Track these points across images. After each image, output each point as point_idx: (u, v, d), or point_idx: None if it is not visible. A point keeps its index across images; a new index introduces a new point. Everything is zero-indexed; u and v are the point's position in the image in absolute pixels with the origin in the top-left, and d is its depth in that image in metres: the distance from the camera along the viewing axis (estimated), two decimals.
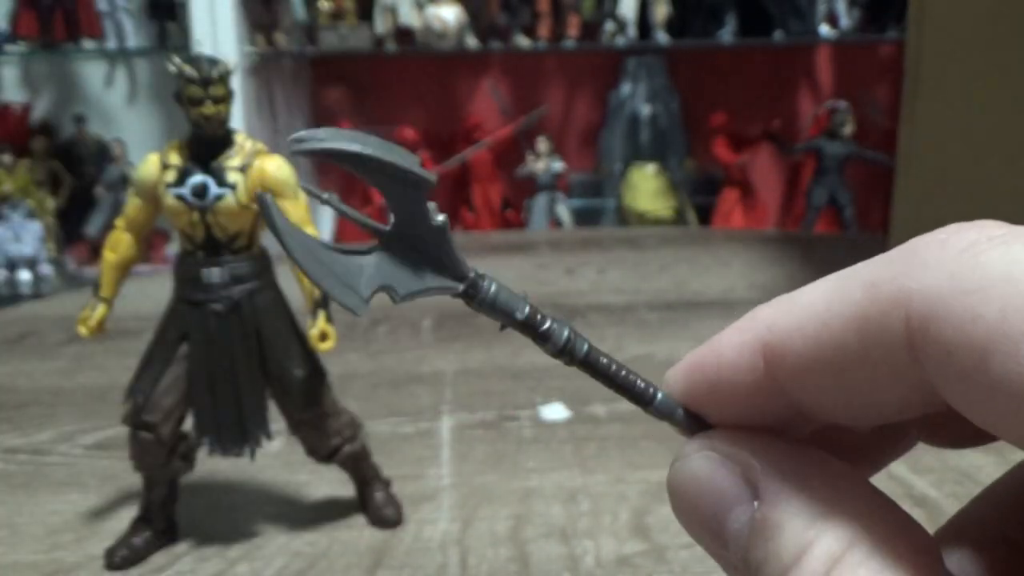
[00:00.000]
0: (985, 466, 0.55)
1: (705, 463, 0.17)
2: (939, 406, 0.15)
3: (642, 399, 0.18)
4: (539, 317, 0.18)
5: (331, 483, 0.54)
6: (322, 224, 2.14)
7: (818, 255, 1.14)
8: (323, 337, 0.46)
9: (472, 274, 0.18)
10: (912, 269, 0.14)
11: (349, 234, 2.02)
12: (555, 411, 0.65)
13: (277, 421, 0.48)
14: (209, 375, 0.46)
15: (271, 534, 0.50)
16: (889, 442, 0.19)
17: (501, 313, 0.18)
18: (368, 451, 0.51)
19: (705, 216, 2.12)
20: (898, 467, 0.53)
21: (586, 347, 0.18)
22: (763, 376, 0.16)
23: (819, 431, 0.18)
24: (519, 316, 0.18)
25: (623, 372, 0.18)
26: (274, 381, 0.47)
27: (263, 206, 0.16)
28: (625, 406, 0.65)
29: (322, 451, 0.49)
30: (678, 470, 0.18)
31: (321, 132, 0.16)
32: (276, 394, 0.48)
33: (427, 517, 0.51)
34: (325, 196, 0.18)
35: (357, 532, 0.50)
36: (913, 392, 0.14)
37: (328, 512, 0.52)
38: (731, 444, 0.17)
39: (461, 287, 0.18)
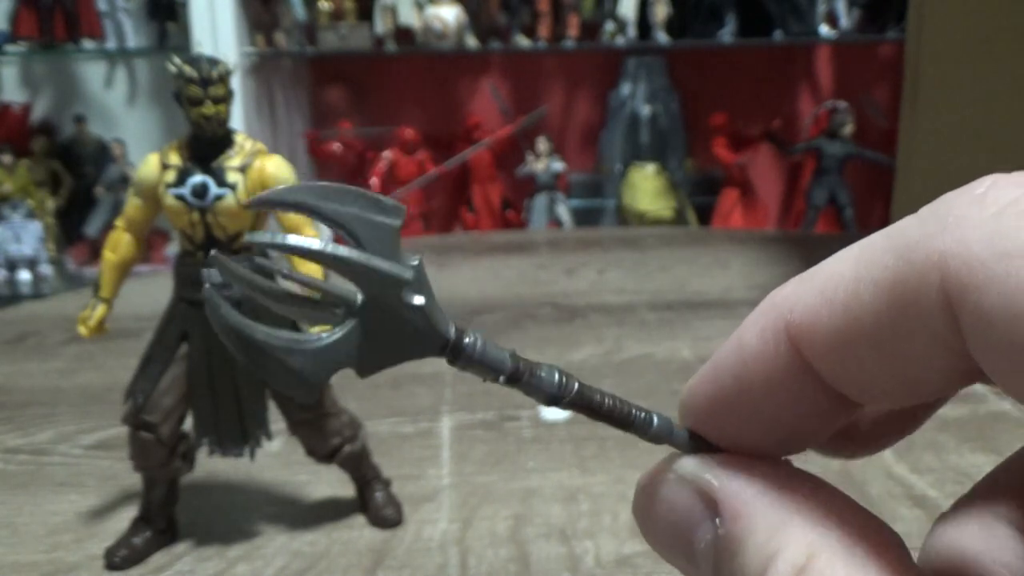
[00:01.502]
0: (985, 466, 0.54)
1: (665, 485, 0.17)
2: (977, 379, 0.14)
3: (640, 430, 0.18)
4: (527, 371, 0.17)
5: (331, 483, 0.54)
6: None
7: (818, 255, 1.13)
8: None
9: (453, 334, 0.16)
10: (948, 230, 0.13)
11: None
12: (555, 411, 0.65)
13: (277, 421, 0.48)
14: (209, 375, 0.46)
15: (271, 534, 0.50)
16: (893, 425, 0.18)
17: (487, 371, 0.16)
18: (368, 451, 0.51)
19: (705, 216, 2.12)
20: (898, 467, 0.53)
21: (576, 386, 0.17)
22: (790, 360, 0.15)
23: None
24: (507, 372, 0.17)
25: (618, 405, 0.17)
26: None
27: (206, 296, 0.15)
28: None
29: (322, 451, 0.49)
30: (641, 492, 0.17)
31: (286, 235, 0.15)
32: (276, 394, 0.48)
33: (427, 517, 0.51)
34: (277, 269, 0.17)
35: (357, 532, 0.50)
36: (953, 362, 0.13)
37: (328, 512, 0.52)
38: (690, 462, 0.17)
39: (442, 352, 0.16)
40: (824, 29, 2.02)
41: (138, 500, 0.48)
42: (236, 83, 0.47)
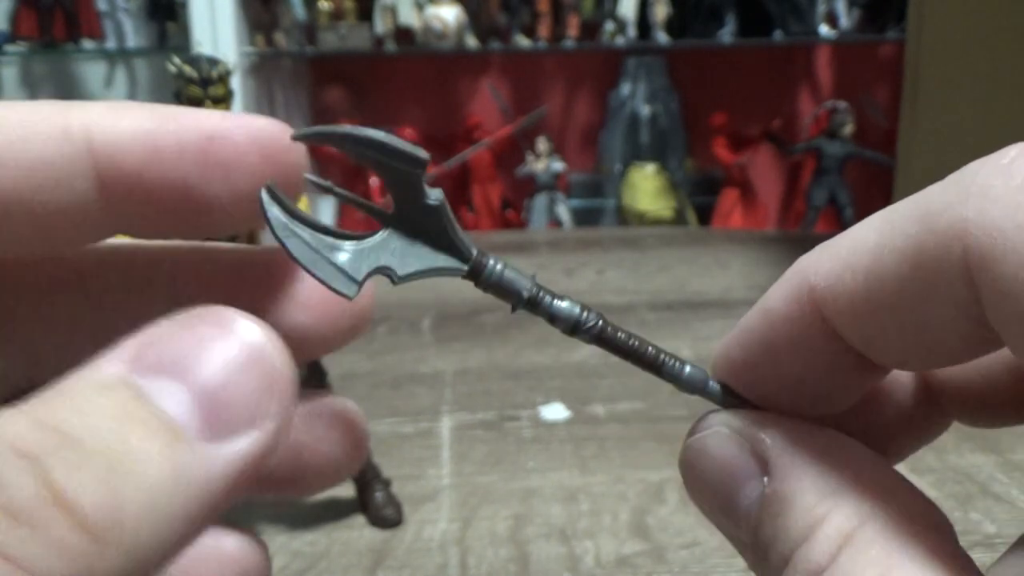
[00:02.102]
0: (985, 466, 0.55)
1: (716, 439, 0.17)
2: (998, 346, 0.14)
3: (670, 374, 0.18)
4: (547, 296, 0.18)
5: None
6: (324, 217, 2.13)
7: None
8: None
9: (475, 253, 0.17)
10: (971, 198, 0.13)
11: (350, 226, 2.02)
12: (555, 411, 0.65)
13: None
14: None
15: (271, 534, 0.50)
16: (919, 427, 0.18)
17: (507, 293, 0.18)
18: (368, 451, 0.51)
19: (705, 216, 2.12)
20: (898, 467, 0.53)
21: (600, 323, 0.18)
22: (814, 324, 0.15)
23: (845, 414, 0.17)
24: (525, 295, 0.18)
25: (646, 348, 0.18)
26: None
27: (259, 201, 0.16)
28: (625, 406, 0.65)
29: None
30: (689, 447, 0.17)
31: (319, 127, 0.17)
32: None
33: (427, 517, 0.51)
34: (327, 184, 0.18)
35: (357, 532, 0.50)
36: (973, 329, 0.14)
37: (328, 512, 0.52)
38: (742, 420, 0.17)
39: (465, 267, 0.17)
40: (824, 29, 2.02)
41: None
42: (236, 83, 0.47)
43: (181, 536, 0.13)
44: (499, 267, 0.18)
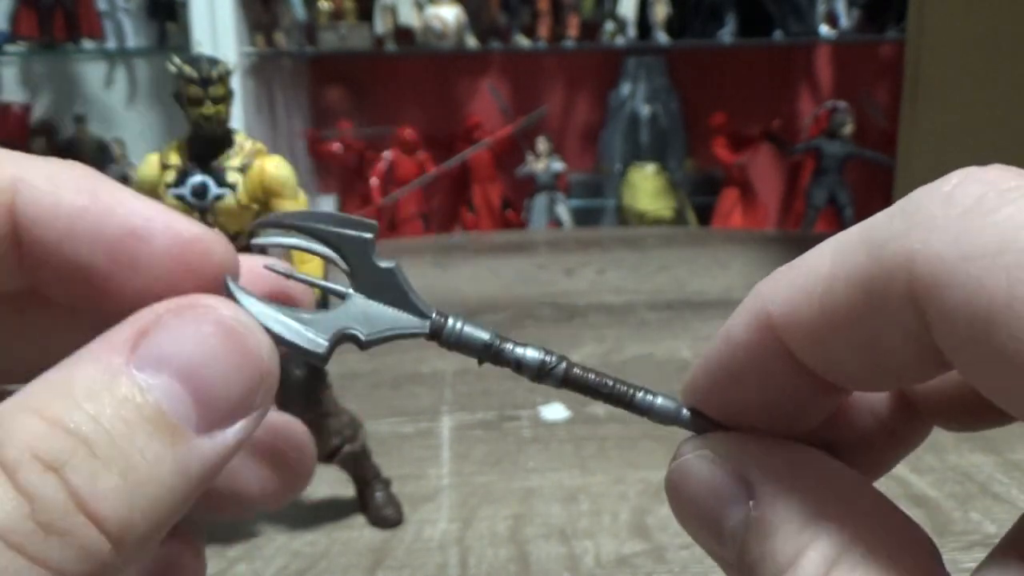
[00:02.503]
0: (984, 466, 0.55)
1: (700, 463, 0.17)
2: (950, 368, 0.14)
3: (640, 408, 0.18)
4: (509, 345, 0.18)
5: (331, 483, 0.54)
6: None
7: None
8: None
9: (434, 314, 0.18)
10: (916, 229, 0.13)
11: None
12: (555, 411, 0.65)
13: None
14: None
15: (271, 534, 0.50)
16: (899, 437, 0.19)
17: (469, 347, 0.18)
18: (368, 451, 0.51)
19: (705, 216, 2.12)
20: (898, 467, 0.53)
21: (564, 366, 0.18)
22: (774, 349, 0.16)
23: (825, 429, 0.18)
24: (488, 347, 0.18)
25: (614, 385, 0.18)
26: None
27: (228, 295, 0.17)
28: None
29: (322, 451, 0.49)
30: (673, 471, 0.17)
31: (271, 230, 0.18)
32: (276, 394, 0.48)
33: (427, 517, 0.51)
34: (286, 271, 0.19)
35: (357, 532, 0.50)
36: (925, 353, 0.14)
37: (328, 512, 0.52)
38: (726, 444, 0.17)
39: (427, 328, 0.18)
40: (824, 29, 2.02)
41: None
42: (236, 83, 0.47)
43: (174, 520, 0.14)
44: (459, 324, 0.18)
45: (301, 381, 0.47)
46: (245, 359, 0.15)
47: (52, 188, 0.16)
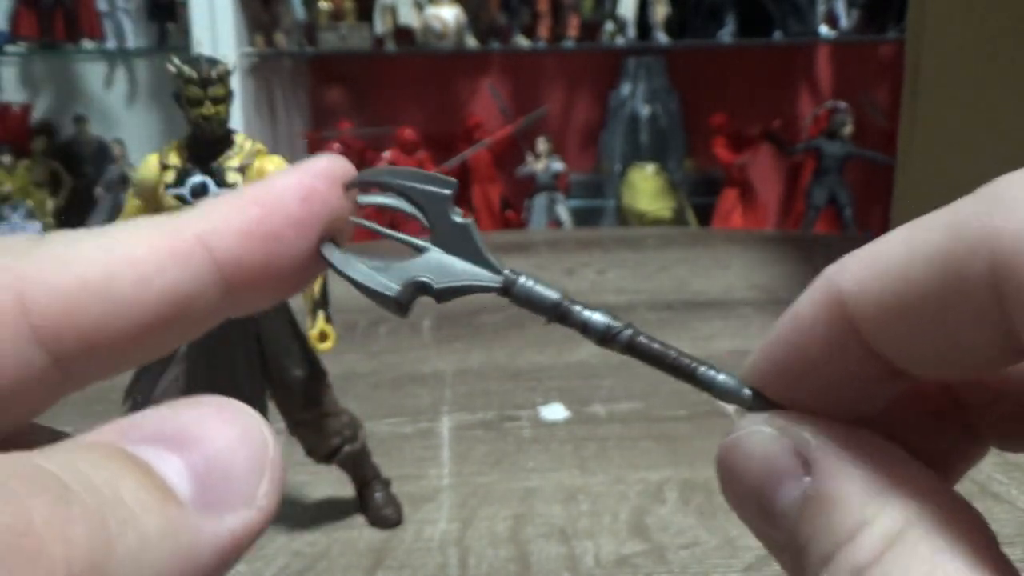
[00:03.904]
0: (984, 466, 0.55)
1: (756, 438, 0.17)
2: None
3: (702, 382, 0.18)
4: (578, 307, 0.19)
5: (331, 483, 0.54)
6: None
7: (818, 255, 1.14)
8: (323, 337, 0.46)
9: (506, 271, 0.19)
10: (998, 208, 0.13)
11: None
12: (555, 411, 0.65)
13: (277, 421, 0.48)
14: (209, 376, 0.46)
15: (271, 534, 0.50)
16: (956, 450, 0.19)
17: (539, 306, 0.19)
18: (368, 451, 0.51)
19: (705, 216, 2.12)
20: None
21: (630, 332, 0.19)
22: (843, 331, 0.16)
23: (885, 424, 0.17)
24: (557, 307, 0.19)
25: (678, 356, 0.18)
26: (274, 381, 0.47)
27: (324, 258, 0.18)
28: (625, 406, 0.65)
29: (322, 451, 0.49)
30: (728, 445, 0.17)
31: (365, 174, 0.19)
32: (276, 394, 0.48)
33: (427, 517, 0.51)
34: (373, 226, 0.20)
35: (357, 532, 0.50)
36: (1000, 339, 0.14)
37: (328, 512, 0.52)
38: (784, 419, 0.17)
39: (499, 283, 0.19)
40: (824, 29, 2.02)
41: None
42: (236, 83, 0.47)
43: None
44: (530, 282, 0.19)
45: (301, 381, 0.47)
46: (252, 443, 0.15)
47: (230, 222, 0.16)
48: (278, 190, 0.17)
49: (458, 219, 0.18)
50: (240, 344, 0.46)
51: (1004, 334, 0.14)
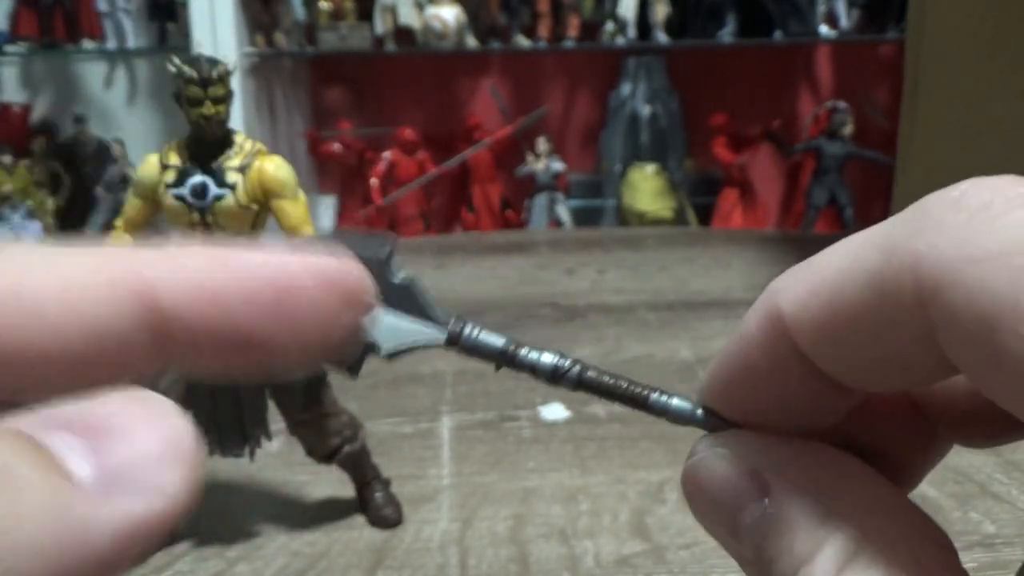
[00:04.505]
0: (984, 466, 0.55)
1: (716, 460, 0.17)
2: (958, 372, 0.14)
3: (655, 410, 0.19)
4: (525, 350, 0.19)
5: (331, 483, 0.54)
6: (322, 223, 2.14)
7: None
8: None
9: (452, 322, 0.19)
10: (924, 232, 0.14)
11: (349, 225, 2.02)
12: (555, 411, 0.65)
13: (277, 421, 0.48)
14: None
15: (271, 534, 0.50)
16: (919, 451, 0.19)
17: (486, 354, 0.19)
18: (368, 451, 0.51)
19: (705, 216, 2.12)
20: None
21: (577, 369, 0.19)
22: (787, 348, 0.16)
23: (843, 432, 0.18)
24: (504, 353, 0.19)
25: (629, 386, 0.19)
26: (274, 381, 0.47)
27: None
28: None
29: (322, 451, 0.49)
30: (690, 468, 0.18)
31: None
32: (276, 394, 0.48)
33: (427, 517, 0.51)
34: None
35: (357, 532, 0.50)
36: (932, 356, 0.14)
37: (328, 512, 0.52)
38: (741, 442, 0.17)
39: (444, 337, 0.19)
40: (824, 29, 2.02)
41: None
42: (236, 83, 0.47)
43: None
44: (475, 332, 0.19)
45: (301, 381, 0.47)
46: (162, 431, 0.14)
47: (186, 275, 0.16)
48: (258, 267, 0.16)
49: (400, 278, 0.19)
50: None
51: (935, 352, 0.14)
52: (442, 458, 0.59)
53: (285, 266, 0.16)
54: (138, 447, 0.13)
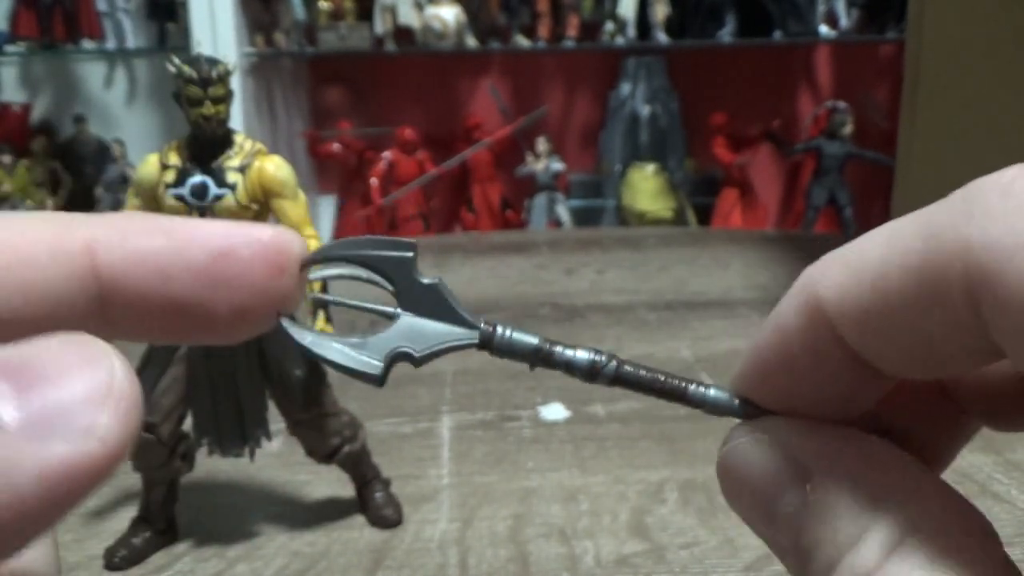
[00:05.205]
0: (984, 466, 0.55)
1: (755, 447, 0.17)
2: (1000, 358, 0.14)
3: (693, 401, 0.18)
4: (560, 348, 0.19)
5: (331, 483, 0.54)
6: (322, 222, 2.14)
7: (818, 255, 1.14)
8: None
9: (483, 324, 0.18)
10: (973, 218, 0.14)
11: (348, 231, 2.02)
12: (555, 411, 0.65)
13: (277, 421, 0.48)
14: (209, 375, 0.46)
15: (271, 534, 0.50)
16: (947, 433, 0.19)
17: (521, 353, 0.19)
18: (368, 451, 0.51)
19: (705, 216, 2.12)
20: None
21: (615, 365, 0.18)
22: (825, 334, 0.16)
23: (876, 417, 0.18)
24: (539, 351, 0.18)
25: (666, 379, 0.18)
26: (274, 381, 0.47)
27: (283, 332, 0.18)
28: (625, 406, 0.65)
29: (322, 451, 0.49)
30: (728, 454, 0.17)
31: (320, 251, 0.18)
32: (276, 394, 0.48)
33: (427, 517, 0.51)
34: (333, 299, 0.20)
35: (357, 532, 0.50)
36: (976, 342, 0.14)
37: (328, 512, 0.52)
38: (780, 428, 0.17)
39: (476, 338, 0.18)
40: (824, 29, 2.02)
41: (138, 500, 0.49)
42: (236, 83, 0.47)
43: None
44: (508, 332, 0.18)
45: (301, 381, 0.47)
46: (97, 375, 0.14)
47: (126, 239, 0.16)
48: (195, 234, 0.16)
49: (426, 280, 0.18)
50: (240, 344, 0.46)
51: (979, 339, 0.14)
52: (442, 458, 0.59)
53: (220, 233, 0.16)
54: (68, 390, 0.13)
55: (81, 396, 0.13)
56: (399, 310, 0.18)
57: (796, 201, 2.12)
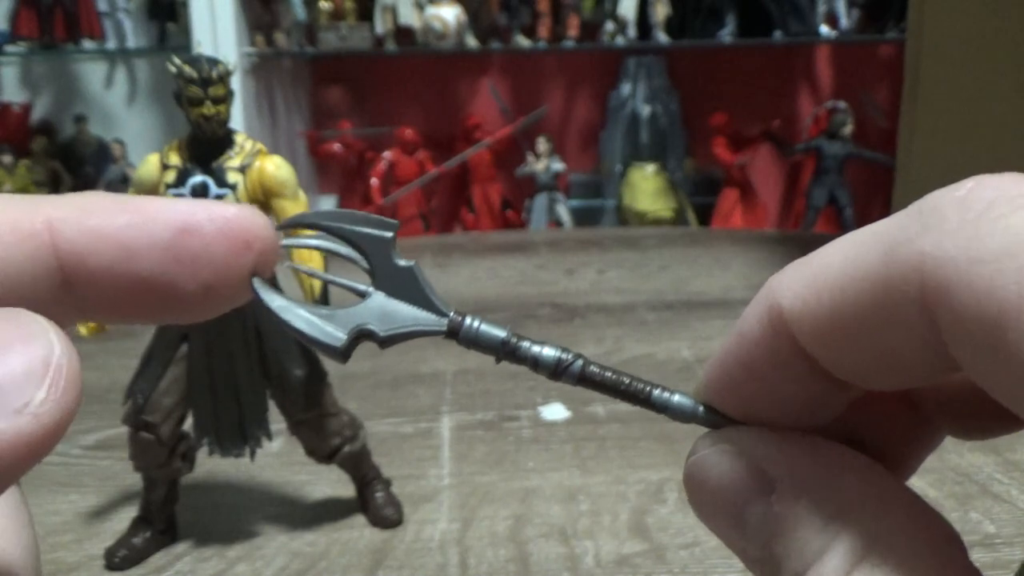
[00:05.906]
0: (984, 466, 0.55)
1: (720, 457, 0.17)
2: (959, 370, 0.14)
3: (656, 406, 0.18)
4: (526, 343, 0.18)
5: (331, 483, 0.54)
6: None
7: None
8: None
9: (452, 313, 0.18)
10: (928, 231, 0.14)
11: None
12: (555, 411, 0.65)
13: (277, 421, 0.48)
14: (209, 375, 0.46)
15: (271, 534, 0.50)
16: (913, 442, 0.19)
17: (487, 346, 0.18)
18: (368, 451, 0.51)
19: (705, 216, 2.12)
20: None
21: (580, 364, 0.18)
22: (787, 344, 0.16)
23: (842, 425, 0.18)
24: (505, 345, 0.18)
25: (631, 382, 0.18)
26: (274, 381, 0.47)
27: (253, 293, 0.17)
28: (625, 406, 0.65)
29: (322, 451, 0.49)
30: (693, 465, 0.17)
31: (293, 217, 0.19)
32: (276, 394, 0.48)
33: (427, 517, 0.51)
34: (312, 270, 0.20)
35: (357, 532, 0.50)
36: (934, 355, 0.14)
37: (328, 512, 0.52)
38: (744, 438, 0.17)
39: (444, 326, 0.18)
40: (824, 29, 2.02)
41: (138, 500, 0.49)
42: (236, 83, 0.47)
43: None
44: (476, 323, 0.18)
45: (301, 381, 0.47)
46: (22, 346, 0.14)
47: (88, 216, 0.16)
48: (158, 211, 0.16)
49: (402, 262, 0.18)
50: (240, 344, 0.46)
51: (938, 352, 0.14)
52: (442, 458, 0.59)
53: (184, 210, 0.16)
54: (4, 367, 0.13)
55: (18, 372, 0.13)
56: (372, 288, 0.18)
57: (796, 201, 2.13)
